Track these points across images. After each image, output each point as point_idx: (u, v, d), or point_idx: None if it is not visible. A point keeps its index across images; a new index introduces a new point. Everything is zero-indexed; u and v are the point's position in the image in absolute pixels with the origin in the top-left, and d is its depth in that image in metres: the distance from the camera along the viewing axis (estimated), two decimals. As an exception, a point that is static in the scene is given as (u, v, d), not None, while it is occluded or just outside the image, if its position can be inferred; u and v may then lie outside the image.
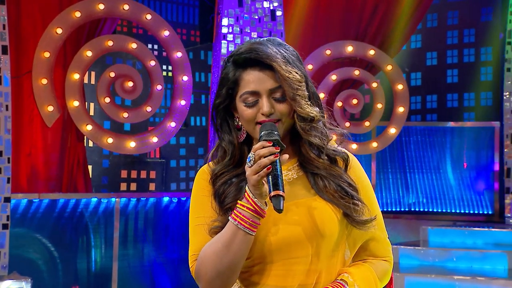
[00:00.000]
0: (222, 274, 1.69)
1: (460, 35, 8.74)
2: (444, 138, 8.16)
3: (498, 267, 5.81)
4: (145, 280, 6.40)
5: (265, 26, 6.08)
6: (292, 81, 1.72)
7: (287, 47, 1.82)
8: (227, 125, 1.84)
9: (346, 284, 1.76)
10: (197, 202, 1.84)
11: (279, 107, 1.75)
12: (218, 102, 1.82)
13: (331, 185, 1.77)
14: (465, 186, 8.07)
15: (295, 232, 1.73)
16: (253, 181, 1.62)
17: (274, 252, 1.73)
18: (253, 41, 1.81)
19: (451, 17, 8.75)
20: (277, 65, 1.72)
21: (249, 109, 1.76)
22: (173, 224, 6.42)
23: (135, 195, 6.34)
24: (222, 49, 6.01)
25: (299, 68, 1.78)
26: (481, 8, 8.63)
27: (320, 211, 1.75)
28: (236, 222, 1.66)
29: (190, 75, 6.17)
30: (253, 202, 1.65)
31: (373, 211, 1.82)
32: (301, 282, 1.74)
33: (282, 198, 1.60)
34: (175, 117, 6.13)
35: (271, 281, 1.75)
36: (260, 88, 1.75)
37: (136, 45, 6.04)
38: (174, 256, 6.44)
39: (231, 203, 1.75)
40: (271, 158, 1.61)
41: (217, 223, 1.75)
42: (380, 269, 1.86)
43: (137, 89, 6.02)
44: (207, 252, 1.71)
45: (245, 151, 1.83)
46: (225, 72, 1.80)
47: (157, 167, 7.62)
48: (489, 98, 8.64)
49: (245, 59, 1.76)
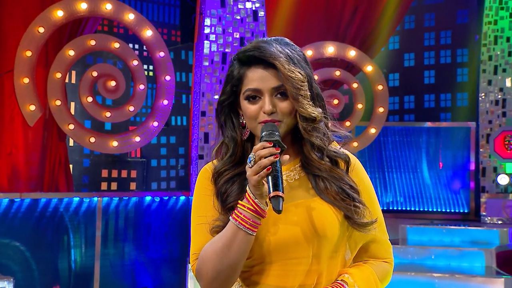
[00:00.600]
0: (223, 274, 1.69)
1: (437, 37, 8.89)
2: (421, 138, 8.30)
3: (476, 265, 5.94)
4: (127, 279, 6.41)
5: (248, 26, 6.13)
6: (294, 80, 1.72)
7: (294, 47, 1.82)
8: (231, 122, 1.84)
9: (346, 284, 1.76)
10: (199, 201, 1.84)
11: (281, 106, 1.75)
12: (223, 99, 1.83)
13: (332, 187, 1.76)
14: (442, 185, 8.22)
15: (294, 232, 1.73)
16: (254, 181, 1.62)
17: (274, 252, 1.74)
18: (260, 39, 1.82)
19: (428, 19, 8.90)
20: (279, 64, 1.72)
21: (252, 106, 1.76)
22: (155, 224, 6.43)
23: (117, 194, 6.34)
24: (205, 49, 6.04)
25: (303, 68, 1.77)
26: (457, 10, 8.79)
27: (321, 212, 1.75)
28: (237, 223, 1.66)
29: (173, 75, 6.19)
30: (254, 203, 1.65)
31: (374, 213, 1.81)
32: (302, 283, 1.74)
33: (281, 199, 1.60)
34: (157, 116, 6.15)
35: (272, 281, 1.75)
36: (262, 87, 1.75)
37: (119, 44, 6.04)
38: (156, 256, 6.46)
39: (234, 202, 1.74)
40: (271, 159, 1.61)
41: (218, 222, 1.75)
42: (381, 270, 1.86)
43: (120, 89, 6.03)
44: (208, 251, 1.71)
45: (248, 149, 1.83)
46: (231, 69, 1.82)
47: (138, 166, 7.62)
48: (465, 98, 8.81)
49: (249, 56, 1.77)
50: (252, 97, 1.77)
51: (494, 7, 7.84)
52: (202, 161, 5.92)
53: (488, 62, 7.77)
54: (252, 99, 1.77)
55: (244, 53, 1.79)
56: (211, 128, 5.96)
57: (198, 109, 6.09)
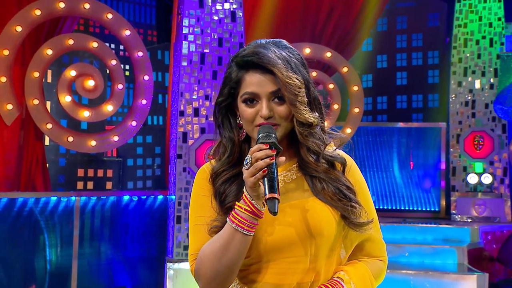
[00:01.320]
0: (221, 274, 1.71)
1: (408, 39, 9.06)
2: (394, 138, 8.45)
3: (448, 262, 6.09)
4: (105, 279, 6.41)
5: (226, 27, 6.19)
6: (292, 87, 1.73)
7: (292, 51, 1.84)
8: (229, 122, 1.86)
9: (342, 281, 1.79)
10: (196, 202, 1.86)
11: (279, 110, 1.76)
12: (220, 100, 1.85)
13: (329, 187, 1.79)
14: (413, 184, 8.38)
15: (291, 232, 1.75)
16: (250, 183, 1.64)
17: (271, 251, 1.76)
18: (258, 43, 1.83)
19: (400, 22, 9.06)
20: (277, 70, 1.73)
21: (249, 110, 1.78)
22: (133, 223, 6.45)
23: (95, 193, 6.35)
24: (183, 50, 6.09)
25: (301, 72, 1.79)
26: (428, 13, 8.97)
27: (319, 212, 1.77)
28: (234, 224, 1.68)
29: (151, 75, 6.23)
30: (251, 204, 1.67)
31: (370, 213, 1.84)
32: (299, 280, 1.77)
33: (277, 201, 1.62)
34: (136, 116, 6.17)
35: (269, 279, 1.77)
36: (260, 91, 1.76)
37: (97, 44, 6.05)
38: (134, 255, 6.48)
39: (232, 202, 1.76)
40: (267, 161, 1.63)
41: (216, 223, 1.77)
42: (376, 268, 1.89)
43: (98, 88, 6.04)
44: (206, 252, 1.73)
45: (245, 149, 1.85)
46: (229, 71, 1.83)
47: (114, 165, 7.62)
48: (436, 100, 9.00)
49: (247, 61, 1.78)
50: (250, 101, 1.78)
51: (464, 11, 8.03)
52: (180, 160, 5.96)
53: (458, 64, 7.94)
54: (249, 102, 1.78)
55: (242, 58, 1.80)
56: (189, 128, 6.01)
57: (176, 109, 6.13)
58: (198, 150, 5.92)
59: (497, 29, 7.94)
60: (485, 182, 7.69)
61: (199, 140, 5.94)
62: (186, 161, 5.96)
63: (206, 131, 6.02)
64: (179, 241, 5.94)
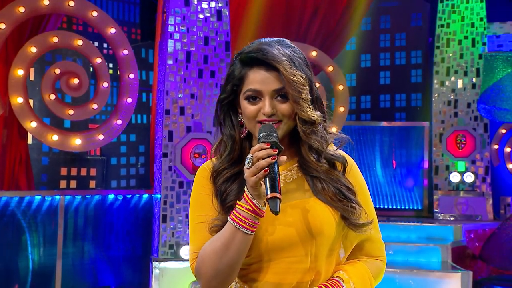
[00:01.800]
0: (222, 273, 1.71)
1: (392, 39, 9.11)
2: (377, 137, 8.50)
3: (432, 260, 6.15)
4: (89, 278, 6.38)
5: (212, 25, 6.18)
6: (296, 84, 1.73)
7: (295, 50, 1.83)
8: (230, 120, 1.85)
9: (342, 281, 1.80)
10: (197, 201, 1.85)
11: (281, 108, 1.76)
12: (223, 97, 1.84)
13: (329, 188, 1.79)
14: (396, 183, 8.44)
15: (292, 232, 1.75)
16: (251, 182, 1.64)
17: (271, 251, 1.75)
18: (262, 41, 1.83)
19: (384, 22, 9.11)
20: (282, 67, 1.72)
21: (251, 107, 1.77)
22: (118, 222, 6.42)
23: (79, 192, 6.30)
24: (169, 48, 6.06)
25: (304, 71, 1.79)
26: (411, 13, 9.03)
27: (319, 212, 1.77)
28: (235, 223, 1.67)
29: (137, 73, 6.20)
30: (252, 203, 1.66)
31: (369, 214, 1.84)
32: (299, 280, 1.76)
33: (278, 200, 1.61)
34: (121, 114, 6.14)
35: (270, 278, 1.77)
36: (263, 88, 1.76)
37: (82, 42, 6.01)
38: (119, 254, 6.45)
39: (233, 201, 1.75)
40: (269, 160, 1.62)
41: (217, 222, 1.76)
42: (375, 267, 1.90)
43: (83, 86, 6.00)
44: (207, 251, 1.73)
45: (246, 147, 1.84)
46: (232, 68, 1.82)
47: (97, 164, 7.57)
48: (419, 99, 9.07)
49: (251, 58, 1.78)
50: (253, 98, 1.78)
51: (447, 11, 8.10)
52: (166, 159, 5.94)
53: (441, 64, 8.02)
54: (252, 99, 1.78)
55: (246, 55, 1.79)
56: (175, 127, 5.99)
57: (162, 108, 6.11)
58: (183, 149, 5.90)
59: (479, 29, 8.03)
60: (467, 180, 7.78)
61: (185, 138, 5.92)
62: (171, 160, 5.94)
63: (192, 129, 6.00)
64: (165, 240, 5.92)
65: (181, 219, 5.96)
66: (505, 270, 6.90)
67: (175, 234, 5.93)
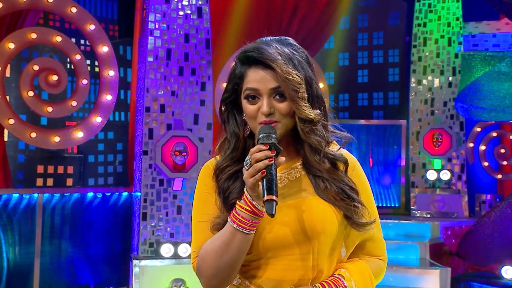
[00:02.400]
0: (222, 271, 1.73)
1: (369, 37, 9.17)
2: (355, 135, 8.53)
3: (411, 257, 6.22)
4: (67, 277, 6.32)
5: (192, 23, 6.16)
6: (291, 82, 1.73)
7: (296, 48, 1.85)
8: (234, 118, 1.87)
9: (343, 278, 1.81)
10: (199, 199, 1.86)
11: (279, 107, 1.77)
12: (225, 96, 1.86)
13: (332, 187, 1.80)
14: (374, 181, 8.50)
15: (294, 231, 1.76)
16: (250, 184, 1.65)
17: (272, 249, 1.77)
18: (263, 40, 1.86)
19: (362, 20, 9.16)
20: (276, 66, 1.74)
21: (251, 106, 1.79)
22: (97, 220, 6.37)
23: (58, 190, 6.24)
24: (149, 45, 6.02)
25: (304, 69, 1.80)
26: (389, 12, 9.10)
27: (321, 210, 1.78)
28: (235, 224, 1.69)
29: (117, 70, 6.15)
30: (251, 204, 1.68)
31: (372, 213, 1.86)
32: (301, 277, 1.78)
33: (275, 203, 1.62)
34: (101, 112, 6.09)
35: (271, 275, 1.78)
36: (261, 87, 1.77)
37: (61, 38, 5.95)
38: (98, 252, 6.40)
39: (236, 198, 1.76)
40: (266, 162, 1.63)
41: (219, 220, 1.78)
42: (376, 266, 1.91)
43: (62, 83, 5.94)
44: (208, 249, 1.75)
45: (250, 145, 1.84)
46: (233, 68, 1.85)
47: (74, 162, 7.50)
48: (396, 97, 9.15)
49: (248, 57, 1.80)
50: (252, 97, 1.79)
51: (424, 10, 8.18)
52: (146, 157, 5.91)
53: (418, 63, 8.09)
54: (251, 98, 1.79)
55: (244, 53, 1.82)
56: (155, 124, 5.96)
57: (142, 105, 6.07)
58: (164, 147, 5.88)
59: (455, 28, 8.12)
60: (443, 178, 7.87)
61: (166, 136, 5.90)
62: (152, 158, 5.91)
63: (173, 127, 5.98)
64: (145, 239, 5.89)
65: (162, 217, 5.94)
66: (481, 267, 7.00)
67: (155, 232, 5.91)
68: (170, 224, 5.98)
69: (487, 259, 6.72)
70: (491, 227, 6.65)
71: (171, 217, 5.98)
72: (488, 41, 8.64)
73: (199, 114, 6.10)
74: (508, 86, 6.45)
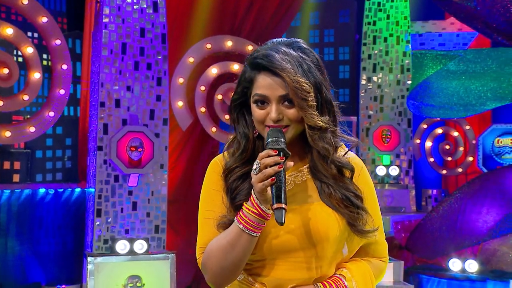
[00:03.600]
0: (227, 269, 1.77)
1: (321, 35, 9.27)
2: (306, 131, 8.63)
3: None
4: (17, 274, 6.16)
5: (148, 17, 6.09)
6: (300, 91, 1.75)
7: (307, 52, 1.85)
8: (244, 119, 1.89)
9: (344, 278, 1.85)
10: (207, 196, 1.89)
11: (288, 113, 1.78)
12: (235, 98, 1.89)
13: (337, 194, 1.82)
14: (324, 176, 8.59)
15: (297, 236, 1.80)
16: (258, 188, 1.68)
17: (276, 252, 1.81)
18: (271, 45, 1.85)
19: (313, 18, 9.25)
20: (285, 75, 1.75)
21: (259, 111, 1.80)
22: (48, 217, 6.23)
23: (4, 186, 6.07)
24: (104, 39, 5.92)
25: (313, 75, 1.81)
26: (339, 10, 9.22)
27: (325, 216, 1.81)
28: (242, 226, 1.72)
29: (70, 64, 6.02)
30: (258, 207, 1.70)
31: (376, 220, 1.90)
32: (304, 276, 1.82)
33: (284, 211, 1.65)
34: (53, 106, 5.95)
35: (276, 274, 1.82)
36: (270, 94, 1.78)
37: (13, 30, 5.78)
38: (49, 249, 6.26)
39: (243, 200, 1.79)
40: (276, 169, 1.65)
41: (225, 219, 1.81)
42: (377, 267, 1.96)
43: (13, 77, 5.77)
44: (214, 247, 1.79)
45: (259, 147, 1.86)
46: (243, 71, 1.87)
47: (21, 157, 7.28)
48: (347, 94, 9.28)
49: (257, 64, 1.80)
50: (261, 102, 1.80)
51: (373, 9, 8.33)
52: (101, 152, 5.81)
53: (367, 61, 8.24)
54: (260, 103, 1.80)
55: (254, 60, 1.82)
56: (110, 119, 5.87)
57: (96, 100, 5.97)
58: (119, 142, 5.80)
59: (404, 27, 8.30)
60: (392, 174, 8.04)
61: (121, 132, 5.81)
62: (107, 153, 5.82)
63: (128, 122, 5.91)
64: (99, 235, 5.80)
65: (117, 213, 5.86)
66: (429, 259, 7.20)
67: (110, 229, 5.83)
68: (125, 221, 5.90)
69: (435, 252, 6.92)
70: (439, 221, 6.85)
71: (126, 213, 5.91)
72: (434, 40, 8.88)
73: (155, 109, 6.04)
74: (455, 85, 6.65)
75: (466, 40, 8.98)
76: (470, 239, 6.64)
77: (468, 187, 6.83)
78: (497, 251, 6.71)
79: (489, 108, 7.00)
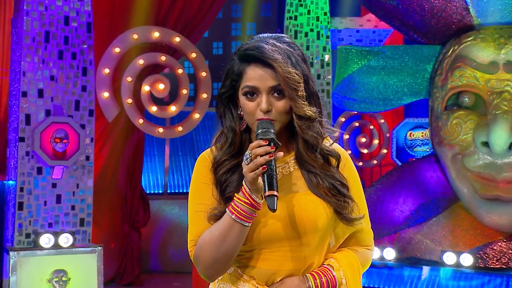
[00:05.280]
0: (219, 260, 1.80)
1: (243, 28, 9.33)
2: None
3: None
4: None
5: (72, 5, 5.94)
6: (291, 81, 1.78)
7: (293, 46, 1.88)
8: (230, 113, 1.91)
9: (332, 268, 1.89)
10: (196, 189, 1.91)
11: (277, 105, 1.81)
12: (223, 91, 1.89)
13: (324, 183, 1.86)
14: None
15: (286, 225, 1.83)
16: (250, 178, 1.69)
17: (265, 241, 1.83)
18: (261, 37, 1.90)
19: (235, 10, 9.29)
20: (277, 65, 1.78)
21: (249, 103, 1.83)
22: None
23: None
24: (25, 26, 5.73)
25: (301, 67, 1.84)
26: (262, 4, 9.31)
27: (313, 206, 1.85)
28: (234, 216, 1.75)
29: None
30: (250, 197, 1.73)
31: (362, 208, 1.94)
32: (293, 267, 1.85)
33: (276, 198, 1.67)
34: (-28, 95, 5.71)
35: (263, 265, 1.85)
36: (260, 85, 1.81)
37: None
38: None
39: (233, 192, 1.81)
40: (267, 158, 1.68)
41: (216, 211, 1.83)
42: (363, 256, 1.99)
43: None
44: (206, 239, 1.80)
45: (246, 139, 1.90)
46: (231, 64, 1.88)
47: None
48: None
49: (248, 55, 1.82)
50: (250, 94, 1.83)
51: (295, 4, 8.45)
52: (23, 144, 5.63)
53: (289, 54, 8.35)
54: (250, 95, 1.83)
55: (244, 51, 1.84)
56: (33, 110, 5.70)
57: (18, 89, 5.78)
58: (43, 133, 5.64)
59: (323, 23, 8.48)
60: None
61: (44, 122, 5.66)
62: (29, 145, 5.65)
63: (52, 113, 5.75)
64: (21, 228, 5.63)
65: (40, 206, 5.70)
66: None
67: (32, 222, 5.67)
68: (49, 214, 5.76)
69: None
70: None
71: (50, 206, 5.76)
72: (352, 36, 9.15)
73: (81, 100, 5.92)
74: (375, 80, 6.86)
75: (382, 36, 9.30)
76: (388, 228, 6.88)
77: (387, 178, 7.07)
78: (412, 239, 6.98)
79: (405, 102, 7.27)
